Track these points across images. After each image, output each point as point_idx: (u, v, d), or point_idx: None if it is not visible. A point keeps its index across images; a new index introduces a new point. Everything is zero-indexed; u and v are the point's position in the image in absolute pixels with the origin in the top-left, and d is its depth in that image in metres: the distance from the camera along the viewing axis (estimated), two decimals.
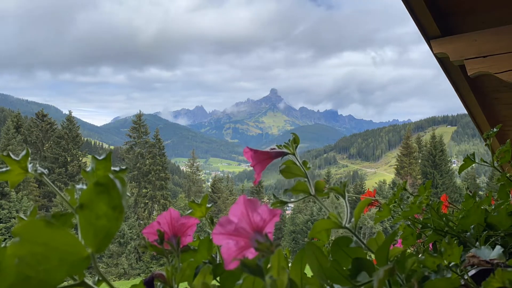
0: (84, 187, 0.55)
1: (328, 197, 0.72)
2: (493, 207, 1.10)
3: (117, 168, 0.55)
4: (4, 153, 0.55)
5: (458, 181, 53.68)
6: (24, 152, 0.57)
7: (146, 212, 45.55)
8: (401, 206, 1.14)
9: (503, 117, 4.79)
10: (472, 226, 0.97)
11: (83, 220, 0.37)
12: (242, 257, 0.49)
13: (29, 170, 0.57)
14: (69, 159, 44.52)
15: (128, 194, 0.42)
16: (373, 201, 1.48)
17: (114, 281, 30.68)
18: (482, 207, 1.02)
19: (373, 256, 0.62)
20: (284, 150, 0.72)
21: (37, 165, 0.58)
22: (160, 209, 45.01)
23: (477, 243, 0.91)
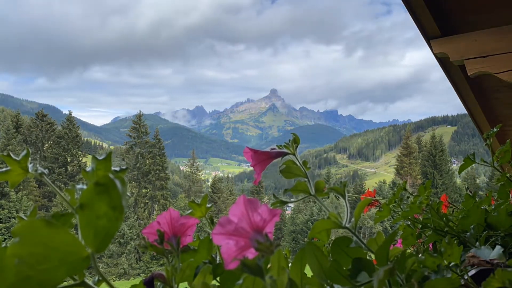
0: (84, 187, 0.55)
1: (328, 197, 0.72)
2: (493, 207, 1.10)
3: (117, 168, 0.55)
4: (4, 153, 0.55)
5: (458, 181, 53.66)
6: (24, 152, 0.57)
7: (146, 212, 45.55)
8: (401, 206, 1.14)
9: (503, 117, 4.79)
10: (472, 226, 0.97)
11: (83, 220, 0.37)
12: (242, 257, 0.49)
13: (30, 170, 0.57)
14: (69, 159, 44.51)
15: (128, 194, 0.42)
16: (373, 201, 1.48)
17: (114, 281, 30.69)
18: (482, 207, 1.02)
19: (373, 256, 0.62)
20: (284, 150, 0.72)
21: (38, 165, 0.58)
22: (160, 209, 45.00)
23: (477, 243, 0.91)
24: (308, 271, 0.57)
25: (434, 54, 2.98)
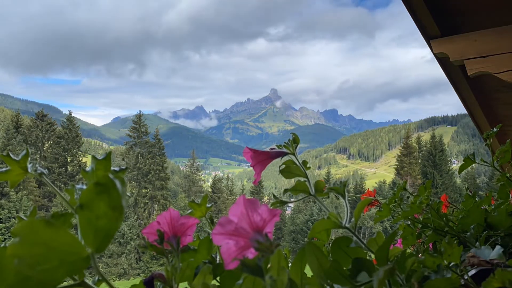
0: (84, 187, 0.55)
1: (328, 197, 0.72)
2: (493, 207, 1.10)
3: (117, 168, 0.55)
4: (4, 153, 0.55)
5: (458, 181, 53.65)
6: (24, 152, 0.57)
7: (146, 212, 45.55)
8: (401, 206, 1.14)
9: (503, 117, 4.79)
10: (472, 226, 0.97)
11: (83, 220, 0.37)
12: (242, 257, 0.49)
13: (29, 170, 0.57)
14: (69, 159, 44.52)
15: (128, 194, 0.42)
16: (373, 201, 1.48)
17: (114, 281, 30.71)
18: (482, 207, 1.02)
19: (373, 256, 0.62)
20: (284, 150, 0.72)
21: (37, 165, 0.58)
22: (160, 209, 45.00)
23: (477, 243, 0.91)
24: (308, 271, 0.57)
25: (434, 54, 2.98)
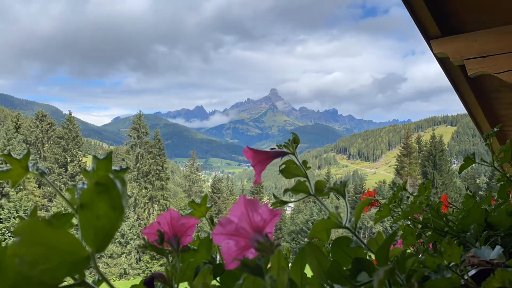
0: (85, 187, 0.55)
1: (328, 197, 0.72)
2: (493, 207, 1.10)
3: (117, 168, 0.55)
4: (5, 153, 0.55)
5: (458, 181, 53.64)
6: (25, 152, 0.57)
7: (146, 212, 45.54)
8: (401, 206, 1.14)
9: (503, 117, 4.79)
10: (472, 226, 0.97)
11: (83, 220, 0.37)
12: (242, 257, 0.49)
13: (30, 169, 0.57)
14: (69, 159, 44.49)
15: (129, 194, 0.42)
16: (373, 201, 1.48)
17: (114, 281, 30.71)
18: (482, 207, 1.02)
19: (373, 256, 0.62)
20: (284, 150, 0.72)
21: (38, 165, 0.58)
22: (160, 209, 45.00)
23: (477, 243, 0.91)
24: (308, 271, 0.57)
25: (434, 54, 2.98)
